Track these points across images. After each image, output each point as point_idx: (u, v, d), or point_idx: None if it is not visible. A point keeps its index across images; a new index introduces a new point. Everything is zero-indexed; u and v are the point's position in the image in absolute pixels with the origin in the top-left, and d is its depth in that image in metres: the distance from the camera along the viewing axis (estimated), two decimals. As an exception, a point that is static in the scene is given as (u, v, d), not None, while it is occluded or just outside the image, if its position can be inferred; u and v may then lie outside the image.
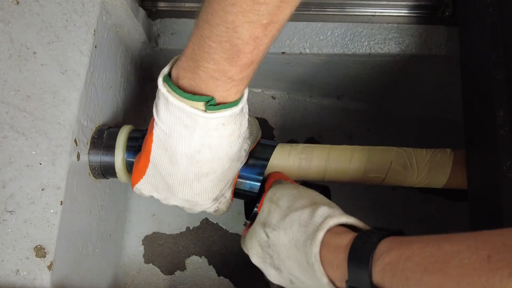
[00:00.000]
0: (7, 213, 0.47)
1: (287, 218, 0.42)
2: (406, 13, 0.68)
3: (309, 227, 0.40)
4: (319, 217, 0.40)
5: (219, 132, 0.40)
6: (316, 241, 0.38)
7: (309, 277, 0.40)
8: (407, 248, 0.31)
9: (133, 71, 0.73)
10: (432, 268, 0.28)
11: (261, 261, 0.46)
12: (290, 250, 0.41)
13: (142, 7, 0.66)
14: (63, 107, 0.50)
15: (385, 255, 0.32)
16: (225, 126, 0.40)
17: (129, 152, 0.53)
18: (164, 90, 0.40)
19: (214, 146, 0.41)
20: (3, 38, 0.51)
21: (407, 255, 0.30)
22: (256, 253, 0.46)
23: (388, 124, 0.83)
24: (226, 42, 0.35)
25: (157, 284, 0.77)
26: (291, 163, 0.57)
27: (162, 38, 0.70)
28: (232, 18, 0.33)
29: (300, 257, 0.40)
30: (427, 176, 0.56)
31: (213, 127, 0.40)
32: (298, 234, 0.40)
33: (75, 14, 0.53)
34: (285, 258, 0.42)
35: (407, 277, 0.29)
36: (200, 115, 0.39)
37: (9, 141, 0.48)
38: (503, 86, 0.48)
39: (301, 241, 0.40)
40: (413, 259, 0.30)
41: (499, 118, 0.47)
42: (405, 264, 0.30)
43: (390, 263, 0.31)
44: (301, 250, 0.39)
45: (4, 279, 0.46)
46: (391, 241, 0.33)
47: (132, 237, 0.78)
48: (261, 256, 0.45)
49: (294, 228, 0.41)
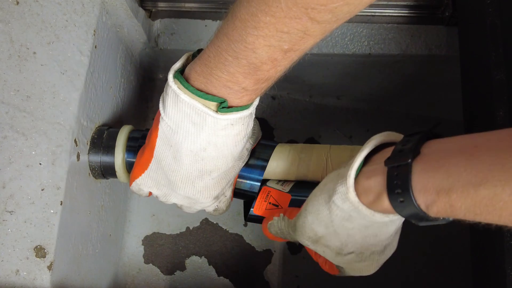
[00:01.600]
0: (7, 213, 0.47)
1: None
2: (406, 13, 0.68)
3: (342, 175, 0.39)
4: (356, 163, 0.38)
5: (227, 131, 0.41)
6: (353, 167, 0.37)
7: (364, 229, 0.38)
8: (447, 198, 0.30)
9: (133, 71, 0.73)
10: (480, 212, 0.29)
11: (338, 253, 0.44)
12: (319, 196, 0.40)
13: (142, 7, 0.66)
14: (63, 107, 0.50)
15: (430, 206, 0.32)
16: (233, 126, 0.40)
17: (129, 152, 0.53)
18: (175, 87, 0.40)
19: (220, 144, 0.41)
20: (3, 38, 0.51)
21: (450, 205, 0.30)
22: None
23: (388, 124, 0.83)
24: (243, 59, 0.35)
25: (157, 284, 0.77)
26: (291, 162, 0.57)
27: (162, 38, 0.70)
28: (252, 39, 0.33)
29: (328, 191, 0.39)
30: (427, 176, 0.56)
31: (221, 127, 0.40)
32: (331, 183, 0.40)
33: (75, 14, 0.53)
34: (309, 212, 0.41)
35: (463, 216, 0.30)
36: (210, 115, 0.39)
37: (9, 141, 0.48)
38: (503, 86, 0.48)
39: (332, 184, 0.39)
40: (458, 208, 0.30)
41: (499, 118, 0.47)
42: (453, 212, 0.30)
43: (438, 212, 0.31)
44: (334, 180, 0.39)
45: (4, 279, 0.46)
46: (429, 150, 0.33)
47: (132, 237, 0.78)
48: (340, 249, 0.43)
49: (328, 185, 0.40)
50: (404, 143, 0.35)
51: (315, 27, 0.31)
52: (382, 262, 0.43)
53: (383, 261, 0.43)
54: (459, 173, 0.30)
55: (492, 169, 0.29)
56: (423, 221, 0.34)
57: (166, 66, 0.79)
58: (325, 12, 0.30)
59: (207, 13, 0.69)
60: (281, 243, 0.78)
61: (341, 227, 0.39)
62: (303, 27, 0.31)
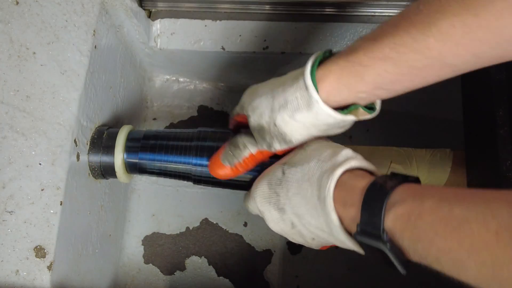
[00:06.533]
0: (7, 213, 0.47)
1: (309, 156, 0.42)
2: (406, 13, 0.68)
3: (328, 163, 0.39)
4: (342, 157, 0.39)
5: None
6: (334, 176, 0.37)
7: (315, 215, 0.39)
8: (420, 203, 0.31)
9: (133, 71, 0.73)
10: (443, 233, 0.29)
11: (265, 202, 0.44)
12: (302, 185, 0.40)
13: (141, 7, 0.66)
14: (62, 107, 0.50)
15: (398, 206, 0.32)
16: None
17: (129, 153, 0.53)
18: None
19: None
20: (3, 39, 0.51)
21: (419, 212, 0.31)
22: (262, 193, 0.45)
23: (388, 124, 0.83)
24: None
25: (157, 284, 0.77)
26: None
27: (162, 38, 0.70)
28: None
29: (311, 192, 0.39)
30: (427, 176, 0.56)
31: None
32: (315, 169, 0.40)
33: (74, 14, 0.53)
34: (293, 194, 0.41)
35: (419, 234, 0.30)
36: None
37: (8, 142, 0.48)
38: (503, 86, 0.48)
39: (316, 175, 0.39)
40: (425, 218, 0.30)
41: (499, 118, 0.47)
42: (416, 221, 0.31)
43: (402, 215, 0.32)
44: (315, 184, 0.39)
45: (4, 279, 0.46)
46: (406, 191, 0.34)
47: (132, 237, 0.78)
48: (267, 196, 0.44)
49: (311, 164, 0.40)
50: (382, 185, 0.35)
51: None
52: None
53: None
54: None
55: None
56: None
57: (166, 66, 0.79)
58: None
59: (207, 13, 0.69)
60: (282, 244, 0.78)
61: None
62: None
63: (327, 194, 0.37)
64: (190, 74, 0.82)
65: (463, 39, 0.33)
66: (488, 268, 0.26)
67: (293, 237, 0.44)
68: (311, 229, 0.41)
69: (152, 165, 0.52)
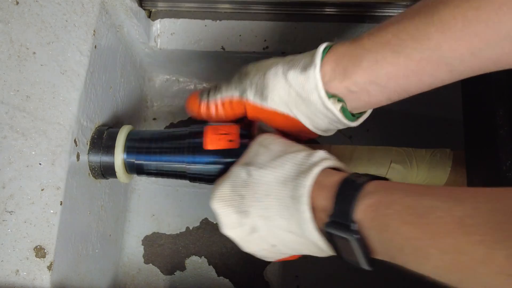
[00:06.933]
0: (7, 213, 0.47)
1: (279, 159, 0.41)
2: (406, 13, 0.68)
3: (304, 165, 0.40)
4: (317, 157, 0.40)
5: None
6: (311, 175, 0.38)
7: (287, 215, 0.39)
8: (390, 195, 0.32)
9: (133, 71, 0.73)
10: (409, 220, 0.30)
11: (224, 205, 0.43)
12: (275, 186, 0.40)
13: (141, 7, 0.66)
14: (62, 107, 0.50)
15: (369, 197, 0.33)
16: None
17: (129, 153, 0.53)
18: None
19: None
20: (3, 38, 0.51)
21: (388, 201, 0.32)
22: (222, 196, 0.43)
23: (388, 124, 0.83)
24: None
25: (157, 284, 0.77)
26: (291, 163, 0.57)
27: (162, 38, 0.70)
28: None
29: (285, 192, 0.39)
30: (427, 176, 0.56)
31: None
32: (291, 171, 0.40)
33: (74, 14, 0.53)
34: (263, 196, 0.40)
35: (387, 223, 0.31)
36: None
37: (8, 142, 0.48)
38: (503, 85, 0.48)
39: (291, 176, 0.39)
40: (394, 207, 0.31)
41: (499, 118, 0.47)
42: (385, 210, 0.32)
43: (372, 205, 0.33)
44: (289, 185, 0.39)
45: (4, 279, 0.46)
46: (377, 185, 0.35)
47: (132, 237, 0.78)
48: (227, 199, 0.43)
49: (286, 167, 0.40)
50: (354, 180, 0.37)
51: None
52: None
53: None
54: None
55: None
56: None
57: (166, 66, 0.79)
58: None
59: (207, 13, 0.69)
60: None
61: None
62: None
63: (303, 192, 0.37)
64: (190, 74, 0.82)
65: (462, 32, 0.34)
66: (450, 255, 0.27)
67: (247, 244, 0.43)
68: (278, 232, 0.40)
69: (149, 166, 0.53)
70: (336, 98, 0.41)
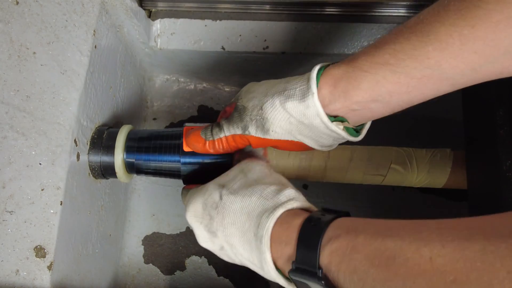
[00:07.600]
0: (7, 213, 0.47)
1: (250, 188, 0.42)
2: (406, 13, 0.68)
3: (270, 202, 0.40)
4: (284, 196, 0.40)
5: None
6: (274, 216, 0.38)
7: (248, 249, 0.39)
8: (354, 238, 0.32)
9: (133, 71, 0.73)
10: (378, 263, 0.29)
11: (196, 220, 0.44)
12: (240, 217, 0.40)
13: (141, 7, 0.66)
14: (62, 107, 0.50)
15: (333, 242, 0.33)
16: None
17: (129, 152, 0.53)
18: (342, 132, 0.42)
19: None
20: (3, 38, 0.51)
21: (353, 245, 0.31)
22: (194, 210, 0.45)
23: (387, 124, 0.83)
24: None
25: (157, 284, 0.77)
26: (291, 163, 0.57)
27: (162, 38, 0.70)
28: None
29: (248, 226, 0.39)
30: (427, 176, 0.56)
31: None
32: (256, 205, 0.40)
33: (74, 14, 0.53)
34: (229, 224, 0.41)
35: (355, 267, 0.31)
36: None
37: (9, 141, 0.48)
38: (503, 86, 0.48)
39: (256, 211, 0.39)
40: (360, 250, 0.31)
41: (499, 118, 0.47)
42: (352, 255, 0.31)
43: (337, 249, 0.32)
44: (253, 221, 0.39)
45: (4, 279, 0.46)
46: (339, 226, 0.34)
47: (132, 237, 0.78)
48: (199, 216, 0.44)
49: (253, 198, 0.40)
50: (315, 223, 0.36)
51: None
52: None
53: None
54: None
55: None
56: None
57: (166, 66, 0.79)
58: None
59: (207, 13, 0.69)
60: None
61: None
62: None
63: (264, 233, 0.37)
64: (190, 74, 0.82)
65: (460, 50, 0.33)
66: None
67: (221, 256, 0.45)
68: (242, 259, 0.41)
69: (148, 165, 0.53)
70: (338, 117, 0.41)
